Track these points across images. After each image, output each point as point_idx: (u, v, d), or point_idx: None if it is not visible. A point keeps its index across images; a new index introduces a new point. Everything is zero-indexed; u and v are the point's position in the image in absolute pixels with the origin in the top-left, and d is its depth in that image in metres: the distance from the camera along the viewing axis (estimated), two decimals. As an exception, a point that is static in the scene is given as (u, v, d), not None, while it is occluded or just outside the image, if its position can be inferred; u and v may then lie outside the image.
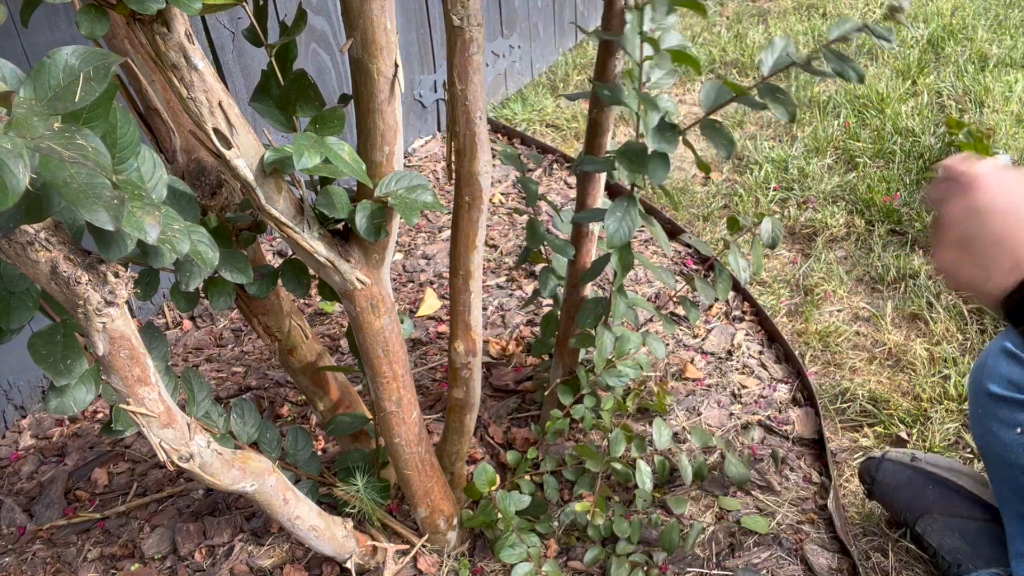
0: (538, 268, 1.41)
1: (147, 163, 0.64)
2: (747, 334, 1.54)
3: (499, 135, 2.42)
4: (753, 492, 1.21)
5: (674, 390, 1.42)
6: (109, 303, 0.59)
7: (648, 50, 0.91)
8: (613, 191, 1.98)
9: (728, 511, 1.18)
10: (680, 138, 0.95)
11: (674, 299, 1.60)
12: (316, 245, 0.78)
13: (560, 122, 2.47)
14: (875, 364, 1.45)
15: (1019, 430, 0.95)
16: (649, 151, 0.97)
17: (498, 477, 1.09)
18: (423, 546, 1.11)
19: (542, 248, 1.26)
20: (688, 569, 1.10)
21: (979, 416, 1.02)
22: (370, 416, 1.11)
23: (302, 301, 1.72)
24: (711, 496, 1.21)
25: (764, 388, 1.41)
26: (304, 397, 1.34)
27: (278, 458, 1.00)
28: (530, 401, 1.40)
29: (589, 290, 1.23)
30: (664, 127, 0.94)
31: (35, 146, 0.39)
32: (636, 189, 1.03)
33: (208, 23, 1.61)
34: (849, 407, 1.36)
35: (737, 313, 1.59)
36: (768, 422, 1.33)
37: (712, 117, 0.96)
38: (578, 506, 1.13)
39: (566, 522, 1.16)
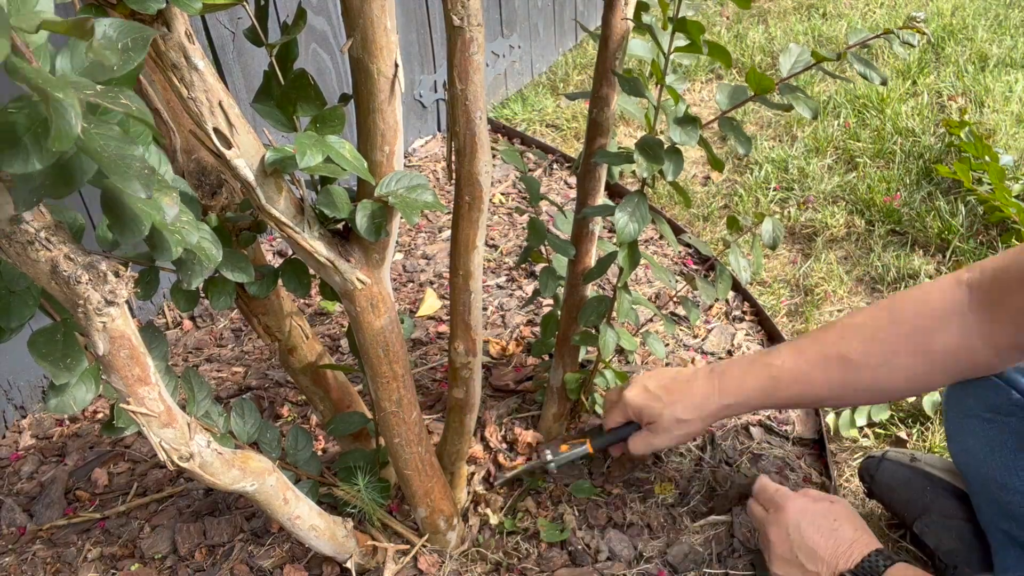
0: (538, 268, 1.41)
1: (152, 158, 0.64)
2: (747, 334, 1.54)
3: (499, 135, 2.42)
4: (753, 492, 1.21)
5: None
6: (109, 302, 0.59)
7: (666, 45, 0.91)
8: (613, 191, 1.98)
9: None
10: (699, 134, 0.96)
11: (674, 299, 1.60)
12: (316, 245, 0.78)
13: (560, 122, 2.47)
14: (875, 364, 1.45)
15: (992, 446, 0.96)
16: (666, 146, 0.97)
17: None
18: (423, 546, 1.11)
19: (543, 248, 1.26)
20: (689, 569, 1.10)
21: (954, 435, 1.03)
22: (370, 416, 1.11)
23: (302, 301, 1.72)
24: (711, 496, 1.21)
25: (764, 388, 1.41)
26: (304, 397, 1.34)
27: (278, 458, 1.00)
28: (530, 401, 1.40)
29: (590, 290, 1.23)
30: (685, 120, 0.95)
31: (85, 98, 0.40)
32: (646, 186, 1.03)
33: (208, 23, 1.61)
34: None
35: (737, 313, 1.59)
36: (768, 422, 1.33)
37: (728, 115, 0.97)
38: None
39: None
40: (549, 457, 1.14)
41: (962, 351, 0.88)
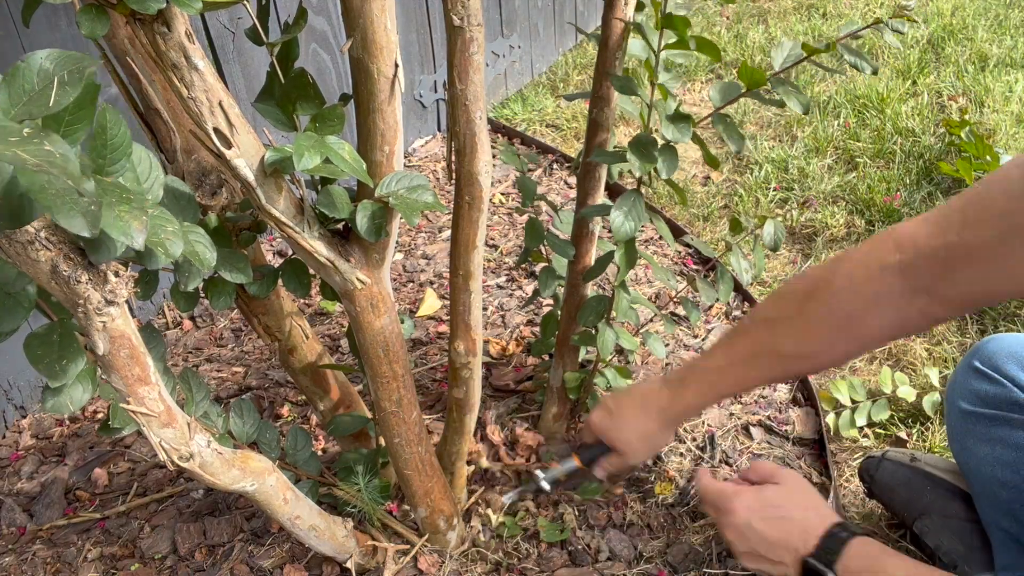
0: (538, 268, 1.41)
1: (143, 163, 0.63)
2: (747, 334, 1.53)
3: (499, 135, 2.42)
4: (753, 492, 1.21)
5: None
6: (109, 302, 0.59)
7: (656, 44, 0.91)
8: (613, 191, 1.98)
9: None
10: (692, 131, 0.96)
11: (675, 299, 1.60)
12: (316, 245, 0.78)
13: (560, 122, 2.47)
14: (875, 364, 1.45)
15: (993, 444, 0.96)
16: (659, 144, 0.97)
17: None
18: (423, 546, 1.11)
19: (543, 248, 1.26)
20: (689, 569, 1.10)
21: (956, 433, 1.03)
22: (370, 416, 1.11)
23: (303, 301, 1.72)
24: (711, 496, 1.21)
25: (764, 388, 1.41)
26: (304, 397, 1.34)
27: (278, 458, 1.00)
28: (530, 401, 1.40)
29: (590, 290, 1.23)
30: (677, 117, 0.95)
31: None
32: (642, 185, 1.03)
33: (208, 22, 1.61)
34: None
35: (737, 313, 1.59)
36: (768, 422, 1.33)
37: (722, 112, 0.98)
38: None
39: None
40: (541, 476, 1.12)
41: (898, 326, 0.86)
